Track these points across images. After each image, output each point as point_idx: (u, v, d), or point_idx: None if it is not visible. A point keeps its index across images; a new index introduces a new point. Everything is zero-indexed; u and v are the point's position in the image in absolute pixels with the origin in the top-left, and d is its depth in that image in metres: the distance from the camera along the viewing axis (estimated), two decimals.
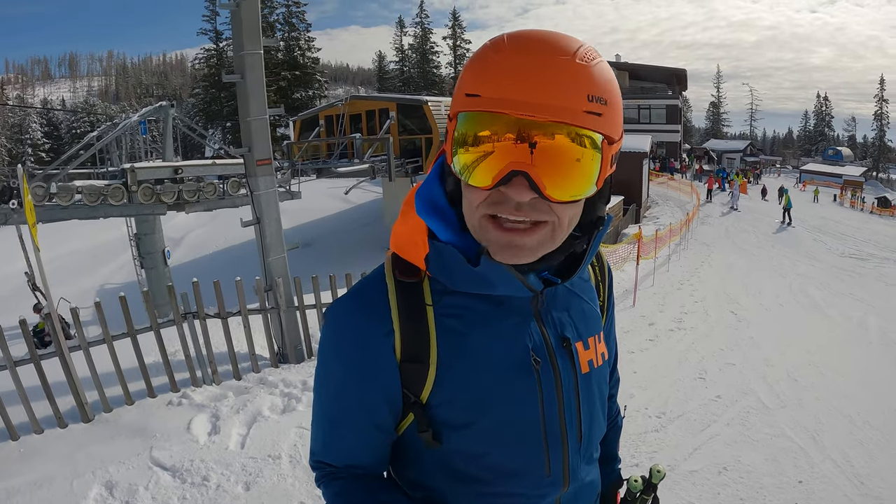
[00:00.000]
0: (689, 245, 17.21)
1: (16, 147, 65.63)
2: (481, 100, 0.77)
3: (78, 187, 13.60)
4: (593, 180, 0.80)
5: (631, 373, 5.99)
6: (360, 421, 0.94)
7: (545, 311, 0.96)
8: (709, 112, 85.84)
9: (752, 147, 52.33)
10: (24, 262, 15.59)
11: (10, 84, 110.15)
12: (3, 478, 3.90)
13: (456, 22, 69.85)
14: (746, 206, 27.09)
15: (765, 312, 9.11)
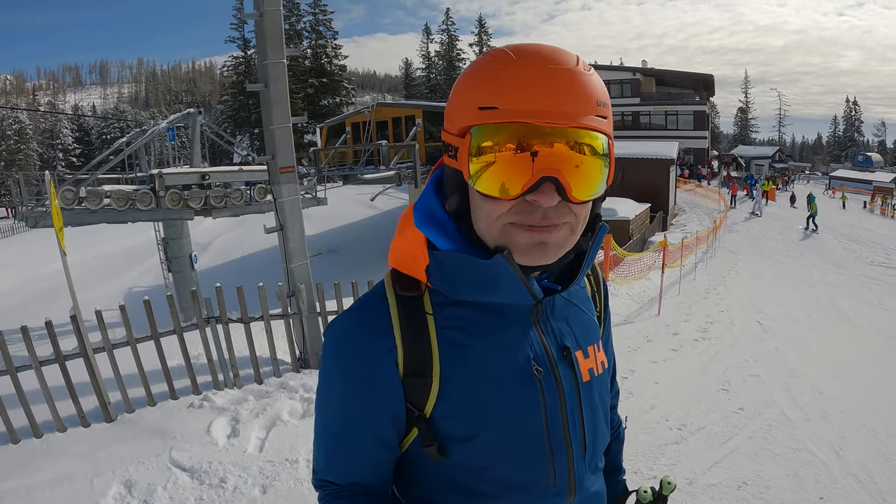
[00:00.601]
0: (716, 253, 16.95)
1: (47, 152, 67.56)
2: (500, 112, 0.79)
3: (107, 192, 13.93)
4: (605, 179, 0.85)
5: (652, 383, 5.92)
6: (364, 438, 0.94)
7: (544, 321, 0.97)
8: (737, 118, 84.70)
9: (780, 153, 51.39)
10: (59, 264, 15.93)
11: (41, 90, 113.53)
12: (26, 474, 3.99)
13: (482, 29, 70.32)
14: (774, 213, 26.63)
15: (791, 322, 8.92)
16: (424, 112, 21.62)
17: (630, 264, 13.24)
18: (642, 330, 8.41)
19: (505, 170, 0.80)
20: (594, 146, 0.81)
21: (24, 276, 19.31)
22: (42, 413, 4.66)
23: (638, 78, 41.69)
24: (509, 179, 0.80)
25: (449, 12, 71.71)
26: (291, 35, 56.67)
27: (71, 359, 4.91)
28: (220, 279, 6.32)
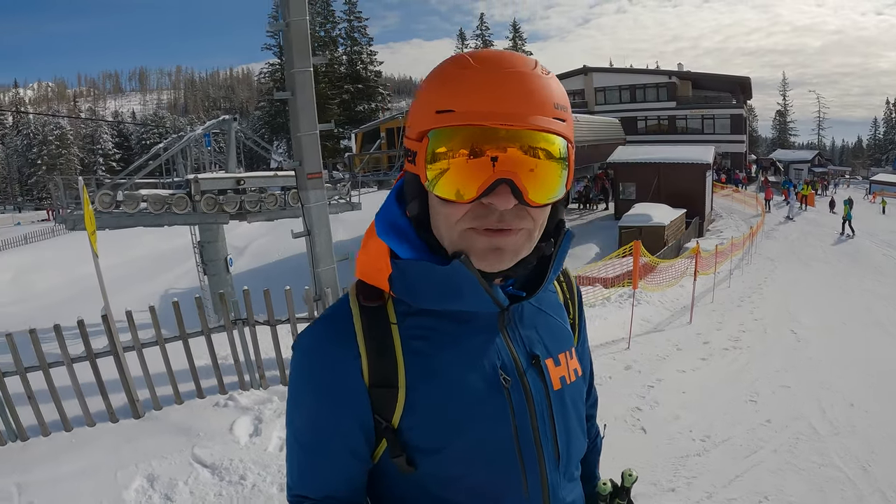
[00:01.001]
0: (752, 260, 16.60)
1: (88, 157, 69.86)
2: (456, 115, 0.80)
3: (143, 196, 14.32)
4: (564, 183, 0.84)
5: (679, 393, 5.82)
6: (336, 449, 0.93)
7: (512, 329, 0.96)
8: (775, 121, 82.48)
9: (820, 157, 49.81)
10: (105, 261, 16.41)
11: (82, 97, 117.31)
12: (54, 465, 4.15)
13: (517, 34, 70.00)
14: (813, 218, 25.99)
15: (826, 332, 8.65)
16: None
17: (663, 271, 13.06)
18: (672, 338, 8.28)
19: (461, 172, 0.80)
20: (551, 149, 0.81)
21: (64, 276, 19.98)
22: (73, 408, 4.82)
23: (674, 81, 41.08)
24: (465, 182, 0.80)
25: (483, 17, 72.07)
26: (327, 42, 57.56)
27: (102, 356, 5.07)
28: (255, 282, 6.45)
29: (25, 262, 22.61)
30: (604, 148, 28.18)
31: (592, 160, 28.86)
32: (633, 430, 4.91)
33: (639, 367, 6.71)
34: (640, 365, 6.80)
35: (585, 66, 44.67)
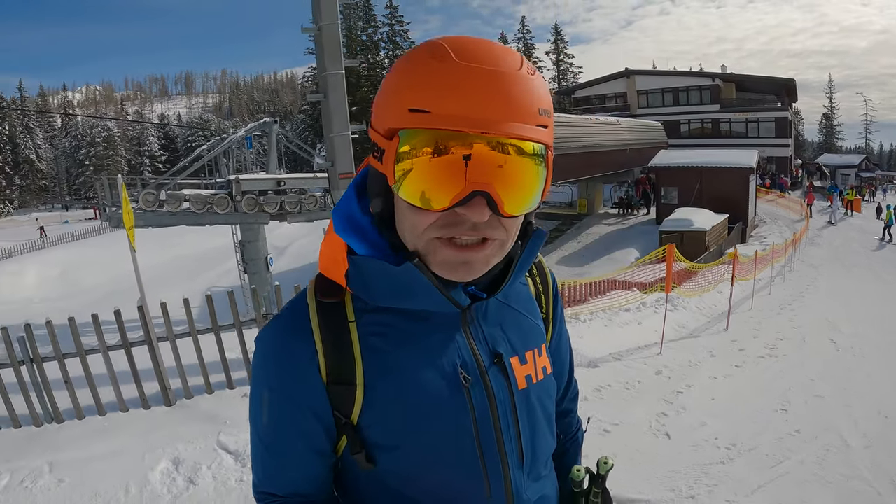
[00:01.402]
0: (794, 267, 16.12)
1: (135, 158, 72.15)
2: (432, 116, 0.73)
3: (186, 196, 14.76)
4: (541, 192, 0.80)
5: (708, 399, 5.70)
6: (298, 446, 0.92)
7: (475, 327, 0.93)
8: (821, 124, 79.64)
9: (867, 161, 47.85)
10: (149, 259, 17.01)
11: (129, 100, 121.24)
12: (87, 446, 4.35)
13: (558, 37, 69.63)
14: (859, 224, 25.08)
15: (866, 341, 8.31)
16: None
17: (701, 276, 12.81)
18: (707, 344, 8.12)
19: (433, 180, 0.75)
20: (533, 158, 0.76)
21: (108, 273, 20.68)
22: (107, 394, 5.04)
23: (717, 84, 40.10)
24: (438, 190, 0.75)
25: (524, 20, 71.72)
26: (369, 46, 58.20)
27: (137, 346, 5.27)
28: (295, 281, 6.59)
29: (72, 258, 23.56)
30: (646, 152, 27.81)
31: (634, 164, 28.49)
32: (656, 436, 4.84)
33: (669, 373, 6.60)
34: (670, 370, 6.69)
35: (628, 69, 44.12)
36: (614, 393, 5.90)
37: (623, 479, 4.00)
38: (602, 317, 9.30)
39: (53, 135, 78.16)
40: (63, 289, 20.81)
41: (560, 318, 1.15)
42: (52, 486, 3.81)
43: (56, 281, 21.74)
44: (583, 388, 4.90)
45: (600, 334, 8.34)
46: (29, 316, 5.67)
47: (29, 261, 24.33)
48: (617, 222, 27.56)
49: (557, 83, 67.62)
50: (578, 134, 23.06)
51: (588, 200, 29.77)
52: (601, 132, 25.28)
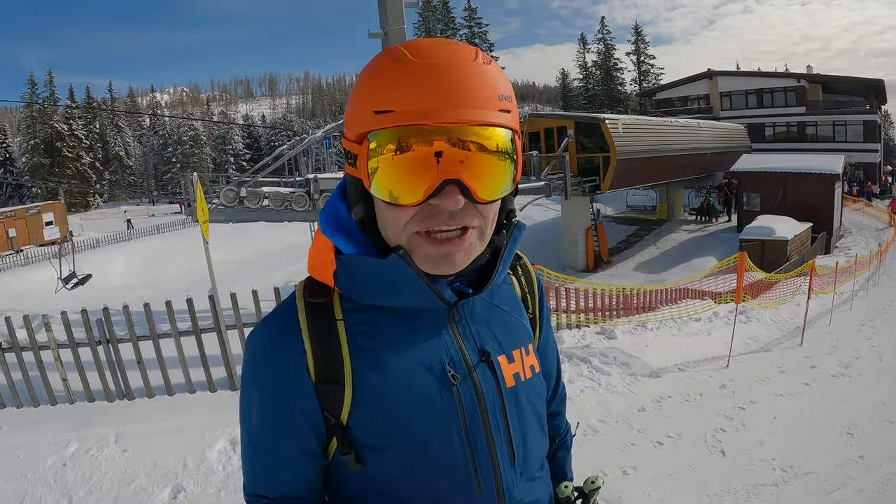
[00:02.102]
0: (879, 281, 15.08)
1: (220, 156, 75.57)
2: (396, 115, 0.77)
3: (265, 193, 15.34)
4: (512, 176, 0.83)
5: (770, 417, 5.43)
6: (287, 448, 0.92)
7: (462, 325, 0.94)
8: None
9: None
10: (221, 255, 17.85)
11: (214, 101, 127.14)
12: (152, 422, 4.67)
13: (639, 37, 67.54)
14: None
15: None
16: (576, 123, 21.27)
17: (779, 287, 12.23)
18: (777, 360, 7.73)
19: (406, 175, 0.78)
20: (498, 143, 0.79)
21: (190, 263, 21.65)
22: (177, 376, 5.40)
23: (802, 85, 37.77)
24: (411, 185, 0.78)
25: (604, 21, 70.19)
26: None
27: (206, 333, 5.59)
28: None
29: (157, 250, 24.90)
30: (728, 156, 26.68)
31: (716, 169, 27.38)
32: (711, 452, 4.67)
33: (734, 387, 6.33)
34: (735, 385, 6.42)
35: (710, 70, 42.39)
36: (674, 405, 5.73)
37: (672, 494, 3.92)
38: (671, 325, 9.02)
39: (142, 133, 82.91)
40: (147, 278, 22.04)
41: (546, 318, 1.16)
42: (115, 456, 4.12)
43: (141, 270, 23.06)
44: (641, 398, 4.82)
45: (667, 343, 8.10)
46: (114, 302, 6.11)
47: (116, 251, 25.91)
48: (697, 229, 26.64)
49: (639, 85, 65.72)
50: (658, 137, 22.38)
51: (668, 206, 28.90)
52: (681, 135, 24.39)
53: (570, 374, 6.00)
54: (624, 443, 4.68)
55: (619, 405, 5.49)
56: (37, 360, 5.32)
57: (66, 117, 67.17)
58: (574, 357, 6.45)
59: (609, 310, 9.65)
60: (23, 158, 68.11)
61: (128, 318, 5.35)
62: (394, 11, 6.23)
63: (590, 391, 5.74)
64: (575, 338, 7.88)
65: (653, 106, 46.11)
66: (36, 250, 30.78)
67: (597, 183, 20.05)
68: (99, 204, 68.75)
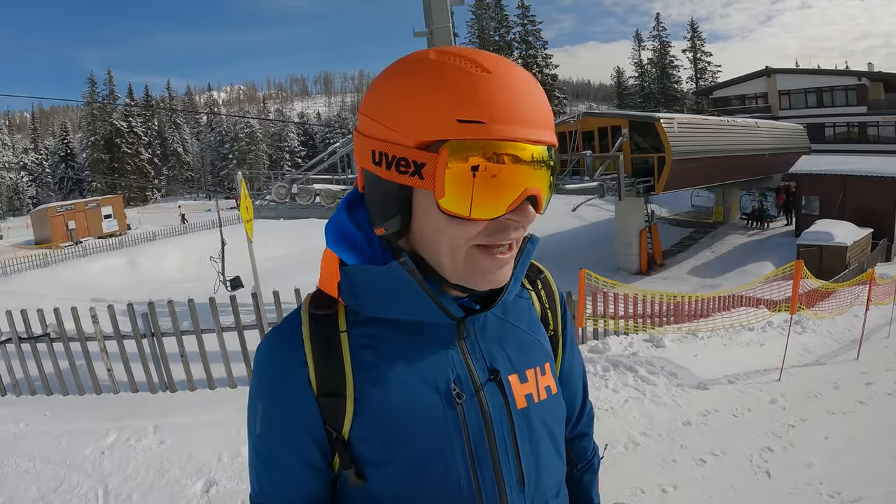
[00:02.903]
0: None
1: (276, 153, 77.37)
2: (487, 127, 0.74)
3: (317, 190, 15.58)
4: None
5: (821, 437, 5.14)
6: (290, 459, 0.91)
7: (471, 342, 0.91)
8: None
9: None
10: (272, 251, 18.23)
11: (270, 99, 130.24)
12: (191, 414, 4.77)
13: (695, 34, 65.99)
14: None
15: None
16: (630, 122, 20.88)
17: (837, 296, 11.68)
18: (832, 374, 7.35)
19: (492, 190, 0.75)
20: (556, 160, 0.81)
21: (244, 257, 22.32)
22: (219, 370, 5.49)
23: (864, 83, 35.87)
24: (495, 199, 0.76)
25: (659, 17, 68.63)
26: (502, 46, 58.57)
27: (249, 329, 5.68)
28: None
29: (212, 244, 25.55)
30: (786, 157, 25.74)
31: (773, 170, 26.42)
32: (755, 473, 4.44)
33: (784, 403, 6.05)
34: (786, 400, 6.13)
35: (768, 67, 40.89)
36: (720, 419, 5.50)
37: None
38: (722, 335, 8.70)
39: (199, 130, 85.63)
40: (202, 271, 22.66)
41: (570, 335, 1.11)
42: (152, 446, 4.23)
43: (196, 263, 23.71)
44: (687, 411, 4.63)
45: (717, 354, 7.82)
46: (168, 293, 6.29)
47: (171, 244, 26.81)
48: (754, 233, 25.85)
49: (695, 83, 64.23)
50: (714, 137, 21.72)
51: (724, 208, 28.13)
52: (738, 135, 23.58)
53: (615, 384, 5.86)
54: (665, 459, 4.51)
55: (663, 418, 5.32)
56: (83, 350, 5.51)
57: (126, 115, 70.13)
58: (620, 365, 6.29)
59: (658, 317, 9.39)
60: (83, 154, 71.29)
61: (172, 313, 5.49)
62: (439, 10, 6.20)
63: (634, 402, 5.58)
64: (622, 345, 7.70)
65: (709, 105, 44.89)
66: (94, 242, 32.15)
67: (651, 184, 19.65)
68: (157, 198, 71.47)
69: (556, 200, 26.04)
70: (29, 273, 22.06)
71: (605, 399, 5.50)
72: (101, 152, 68.09)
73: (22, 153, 75.59)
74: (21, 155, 74.76)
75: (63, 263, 24.43)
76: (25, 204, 66.46)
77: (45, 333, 5.58)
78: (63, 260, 25.69)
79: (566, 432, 1.12)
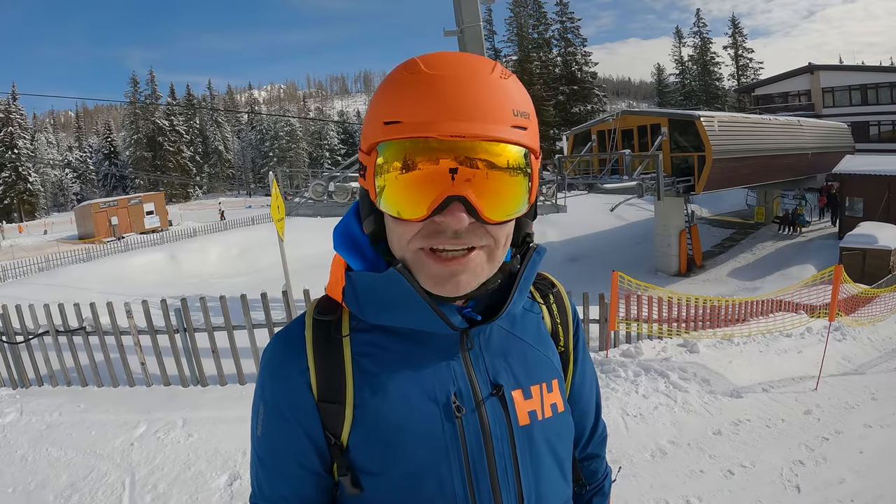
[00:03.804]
0: None
1: (315, 151, 78.38)
2: (403, 126, 0.74)
3: (353, 188, 15.72)
4: (526, 197, 0.79)
5: (855, 452, 4.96)
6: (289, 463, 0.91)
7: (475, 354, 0.89)
8: None
9: None
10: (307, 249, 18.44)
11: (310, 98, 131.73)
12: (220, 408, 4.89)
13: (736, 30, 64.47)
14: None
15: None
16: (670, 120, 20.50)
17: (879, 302, 11.30)
18: (871, 384, 7.09)
19: (410, 189, 0.75)
20: (509, 160, 0.75)
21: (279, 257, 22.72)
22: (249, 366, 5.62)
23: None
24: (416, 199, 0.75)
25: (699, 13, 67.19)
26: (540, 44, 58.22)
27: (279, 326, 5.76)
28: None
29: (251, 240, 26.06)
30: (830, 157, 24.97)
31: (816, 170, 25.67)
32: (785, 487, 4.31)
33: (820, 414, 5.86)
34: (822, 411, 5.94)
35: (811, 64, 39.64)
36: (752, 430, 5.36)
37: None
38: (759, 340, 8.48)
39: (240, 129, 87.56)
40: (240, 267, 23.15)
41: (583, 353, 1.08)
42: (180, 439, 4.35)
43: (235, 260, 24.25)
44: (718, 420, 4.55)
45: (753, 360, 7.61)
46: (207, 289, 6.44)
47: (211, 240, 27.36)
48: (795, 235, 25.19)
49: (737, 80, 62.72)
50: (755, 135, 21.20)
51: (766, 209, 27.48)
52: (780, 134, 22.96)
53: (646, 389, 5.77)
54: (693, 469, 4.42)
55: (693, 426, 5.20)
56: (118, 344, 5.68)
57: (168, 113, 71.84)
58: (651, 370, 6.19)
59: (693, 321, 9.21)
60: (126, 152, 73.32)
61: (204, 309, 5.61)
62: (469, 8, 6.16)
63: (664, 408, 5.48)
64: (654, 350, 7.57)
65: (751, 102, 43.80)
66: (136, 238, 33.02)
67: (691, 183, 19.32)
68: (198, 195, 73.14)
69: (595, 200, 25.99)
70: (72, 267, 22.71)
71: (634, 405, 5.42)
72: (143, 150, 70.01)
73: (66, 151, 78.14)
74: (65, 153, 77.31)
75: (105, 258, 25.16)
76: (70, 200, 68.79)
77: (82, 327, 5.77)
78: (105, 255, 26.48)
79: (576, 452, 1.10)
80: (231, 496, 3.75)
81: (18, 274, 22.71)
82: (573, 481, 1.05)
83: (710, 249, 24.06)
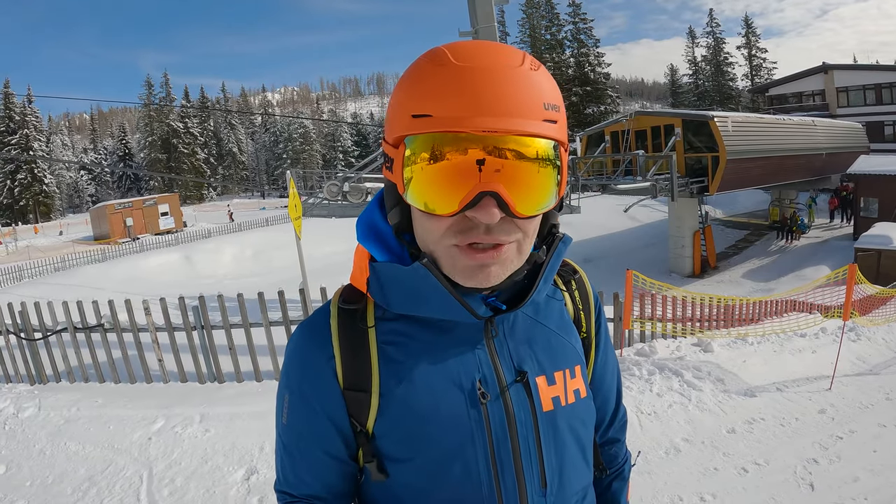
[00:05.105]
0: None
1: (329, 152, 78.68)
2: (433, 120, 0.73)
3: (368, 189, 15.79)
4: (555, 189, 0.78)
5: (869, 451, 4.92)
6: (314, 450, 0.93)
7: (500, 342, 0.90)
8: None
9: None
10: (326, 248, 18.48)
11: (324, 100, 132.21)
12: (237, 405, 4.93)
13: (749, 29, 63.90)
14: None
15: None
16: (683, 121, 20.45)
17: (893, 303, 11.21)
18: (886, 384, 7.03)
19: (440, 184, 0.74)
20: (539, 153, 0.74)
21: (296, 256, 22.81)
22: (266, 363, 5.68)
23: None
24: (446, 194, 0.74)
25: (712, 13, 66.67)
26: (553, 45, 58.12)
27: (295, 324, 5.82)
28: None
29: (266, 241, 26.19)
30: (844, 157, 24.73)
31: (831, 170, 25.42)
32: (799, 485, 4.30)
33: (834, 413, 5.83)
34: (836, 410, 5.91)
35: (825, 63, 39.24)
36: (766, 428, 5.35)
37: None
38: (774, 340, 8.43)
39: (254, 131, 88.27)
40: (254, 268, 23.26)
41: (605, 338, 1.09)
42: (198, 434, 4.40)
43: (249, 260, 24.36)
44: (732, 418, 4.55)
45: (767, 360, 7.58)
46: (222, 288, 6.53)
47: (226, 241, 27.51)
48: (810, 236, 24.96)
49: (750, 80, 62.19)
50: (769, 135, 21.09)
51: (780, 209, 27.21)
52: (795, 134, 22.79)
53: (660, 388, 5.77)
54: (707, 467, 4.42)
55: (707, 424, 5.20)
56: (136, 341, 5.77)
57: (182, 116, 72.43)
58: (666, 369, 6.18)
59: (707, 320, 9.18)
60: (141, 154, 73.99)
61: (222, 307, 5.68)
62: (483, 10, 6.18)
63: (678, 407, 5.48)
64: (669, 349, 7.56)
65: (765, 102, 43.44)
66: (151, 238, 33.29)
67: (705, 184, 19.26)
68: (212, 196, 73.63)
69: (609, 200, 25.90)
70: (87, 267, 22.97)
71: (648, 403, 5.42)
72: (158, 152, 70.64)
73: (81, 153, 78.93)
74: (80, 154, 78.11)
75: (120, 259, 25.40)
76: (85, 202, 69.62)
77: (100, 324, 5.86)
78: (120, 255, 26.76)
79: (596, 437, 1.11)
80: (248, 490, 3.79)
81: (35, 274, 22.97)
82: (594, 466, 1.06)
83: (724, 251, 23.92)
